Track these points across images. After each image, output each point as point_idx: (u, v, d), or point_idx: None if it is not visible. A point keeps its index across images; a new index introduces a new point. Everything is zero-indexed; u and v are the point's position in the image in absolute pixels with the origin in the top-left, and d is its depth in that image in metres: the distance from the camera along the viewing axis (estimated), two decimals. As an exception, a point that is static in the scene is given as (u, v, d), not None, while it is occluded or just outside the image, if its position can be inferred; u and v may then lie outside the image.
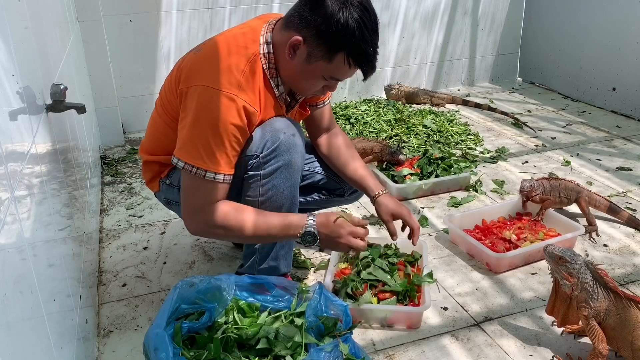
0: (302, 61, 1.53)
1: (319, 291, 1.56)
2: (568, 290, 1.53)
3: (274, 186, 1.61)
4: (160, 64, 3.45)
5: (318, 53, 1.50)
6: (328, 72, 1.54)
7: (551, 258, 1.56)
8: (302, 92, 1.67)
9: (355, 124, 3.49)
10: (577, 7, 3.90)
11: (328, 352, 1.38)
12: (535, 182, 2.27)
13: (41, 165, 1.22)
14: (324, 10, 1.46)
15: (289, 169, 1.61)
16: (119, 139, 3.33)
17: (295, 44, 1.51)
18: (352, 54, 1.50)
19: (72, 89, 1.81)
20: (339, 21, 1.45)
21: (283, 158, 1.59)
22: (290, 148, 1.60)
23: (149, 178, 1.84)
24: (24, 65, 1.20)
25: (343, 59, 1.50)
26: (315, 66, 1.53)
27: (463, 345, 1.68)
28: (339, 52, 1.49)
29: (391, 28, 3.98)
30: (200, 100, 1.49)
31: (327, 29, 1.46)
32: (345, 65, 1.52)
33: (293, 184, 1.64)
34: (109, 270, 2.08)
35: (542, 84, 4.37)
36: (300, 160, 1.64)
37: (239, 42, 1.57)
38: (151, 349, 1.36)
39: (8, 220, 0.87)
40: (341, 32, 1.46)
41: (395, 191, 2.57)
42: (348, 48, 1.49)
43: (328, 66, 1.52)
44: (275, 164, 1.59)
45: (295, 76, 1.58)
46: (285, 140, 1.58)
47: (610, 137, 3.32)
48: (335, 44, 1.48)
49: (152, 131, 1.79)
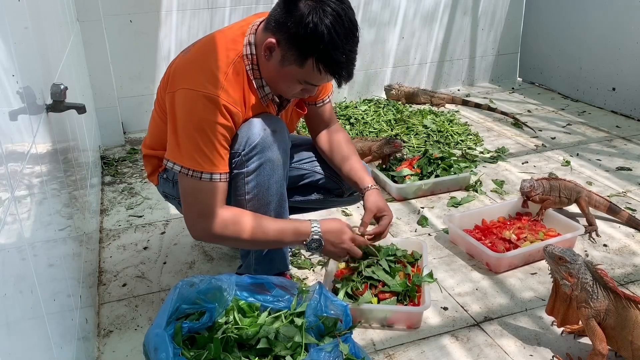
0: (277, 63, 1.53)
1: (319, 291, 1.56)
2: (568, 290, 1.53)
3: (258, 183, 1.61)
4: (160, 64, 3.45)
5: (290, 57, 1.49)
6: (302, 77, 1.53)
7: (551, 258, 1.56)
8: (283, 94, 1.66)
9: (355, 124, 3.49)
10: (577, 7, 3.89)
11: (328, 352, 1.38)
12: (535, 182, 2.27)
13: (41, 165, 1.22)
14: (295, 13, 1.44)
15: (271, 165, 1.61)
16: (119, 139, 3.33)
17: (269, 46, 1.50)
18: (321, 61, 1.47)
19: (72, 89, 1.81)
20: (308, 25, 1.42)
21: (264, 155, 1.59)
22: (270, 144, 1.60)
23: (150, 171, 1.86)
24: (24, 65, 1.20)
25: (312, 65, 1.48)
26: (288, 70, 1.52)
27: (463, 345, 1.68)
28: (308, 58, 1.47)
29: (391, 27, 3.97)
30: (184, 103, 1.50)
31: (296, 32, 1.45)
32: (316, 71, 1.49)
33: (278, 180, 1.64)
34: (109, 270, 2.08)
35: (542, 84, 4.37)
36: (282, 156, 1.64)
37: (225, 44, 1.58)
38: (151, 349, 1.36)
39: (8, 220, 0.87)
40: (310, 38, 1.44)
41: (395, 191, 2.58)
42: (317, 54, 1.46)
43: (300, 71, 1.51)
44: (257, 161, 1.59)
45: (273, 78, 1.58)
46: (265, 137, 1.58)
47: (610, 137, 3.32)
48: (304, 49, 1.46)
49: (152, 127, 1.81)
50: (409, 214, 2.46)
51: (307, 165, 1.94)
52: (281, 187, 1.67)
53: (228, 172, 1.57)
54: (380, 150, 2.77)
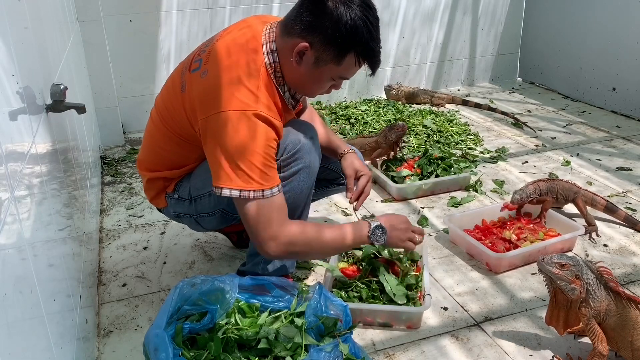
0: (309, 66, 1.53)
1: (319, 291, 1.56)
2: (576, 294, 1.48)
3: (292, 188, 1.63)
4: (160, 64, 3.45)
5: (327, 57, 1.50)
6: (337, 73, 1.56)
7: (550, 267, 1.50)
8: (309, 94, 1.68)
9: (355, 124, 3.49)
10: (577, 7, 3.90)
11: (328, 352, 1.38)
12: (528, 188, 2.23)
13: (41, 165, 1.22)
14: (328, 13, 1.45)
15: (308, 171, 1.64)
16: (119, 139, 3.33)
17: (301, 50, 1.50)
18: (362, 53, 1.51)
19: (72, 89, 1.81)
20: (347, 23, 1.45)
21: (303, 160, 1.62)
22: (310, 150, 1.64)
23: (153, 195, 1.82)
24: (24, 65, 1.20)
25: (353, 59, 1.52)
26: (323, 69, 1.53)
27: (463, 345, 1.68)
28: (349, 53, 1.50)
29: (391, 27, 3.97)
30: (225, 125, 1.45)
31: (334, 32, 1.46)
32: (356, 64, 1.53)
33: (310, 185, 1.68)
34: (109, 270, 2.08)
35: (542, 84, 4.37)
36: (319, 161, 1.69)
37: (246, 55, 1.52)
38: (151, 349, 1.36)
39: (8, 220, 0.87)
40: (350, 34, 1.46)
41: (395, 191, 2.58)
42: (358, 48, 1.50)
43: (337, 68, 1.53)
44: (295, 167, 1.61)
45: (302, 81, 1.58)
46: (305, 143, 1.62)
47: (610, 137, 3.32)
48: (345, 46, 1.49)
49: (150, 144, 1.77)
50: (409, 214, 2.46)
51: None
52: (310, 191, 1.70)
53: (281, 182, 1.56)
54: (387, 139, 2.71)
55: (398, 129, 2.67)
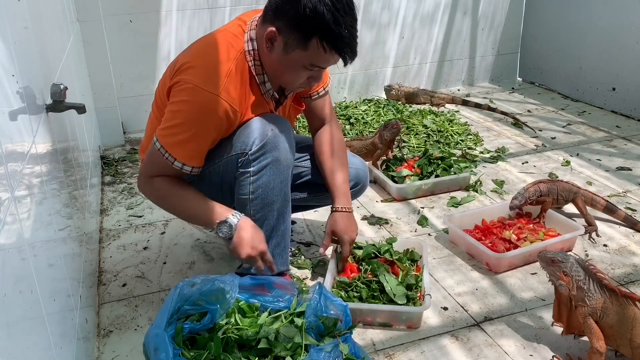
0: (280, 52, 1.54)
1: (319, 291, 1.56)
2: (565, 290, 1.54)
3: (263, 183, 1.63)
4: (160, 64, 3.45)
5: (293, 42, 1.51)
6: (307, 60, 1.54)
7: (545, 262, 1.58)
8: (288, 86, 1.68)
9: (355, 124, 3.49)
10: (577, 7, 3.90)
11: (328, 352, 1.37)
12: (528, 191, 2.23)
13: (41, 165, 1.22)
14: None
15: (277, 165, 1.63)
16: (119, 139, 3.33)
17: (271, 36, 1.52)
18: (325, 38, 1.49)
19: (72, 89, 1.81)
20: (307, 6, 1.45)
21: (271, 155, 1.61)
22: (277, 145, 1.61)
23: None
24: (24, 65, 1.20)
25: (317, 44, 1.50)
26: (292, 56, 1.53)
27: (463, 345, 1.68)
28: (312, 38, 1.49)
29: (391, 28, 3.97)
30: (186, 95, 1.53)
31: (296, 15, 1.47)
32: (321, 50, 1.51)
33: (283, 180, 1.65)
34: (109, 270, 2.08)
35: (542, 84, 4.37)
36: (288, 156, 1.66)
37: (227, 41, 1.60)
38: (151, 349, 1.36)
39: (8, 220, 0.87)
40: (311, 17, 1.46)
41: (395, 191, 2.58)
42: (320, 32, 1.48)
43: (305, 54, 1.52)
44: (263, 161, 1.61)
45: (277, 69, 1.59)
46: (272, 137, 1.60)
47: (610, 137, 3.32)
48: (307, 29, 1.48)
49: (150, 130, 1.81)
50: (409, 214, 2.46)
51: (304, 162, 1.95)
52: (285, 187, 1.68)
53: (200, 167, 1.62)
54: (382, 139, 2.73)
55: (392, 127, 2.70)
